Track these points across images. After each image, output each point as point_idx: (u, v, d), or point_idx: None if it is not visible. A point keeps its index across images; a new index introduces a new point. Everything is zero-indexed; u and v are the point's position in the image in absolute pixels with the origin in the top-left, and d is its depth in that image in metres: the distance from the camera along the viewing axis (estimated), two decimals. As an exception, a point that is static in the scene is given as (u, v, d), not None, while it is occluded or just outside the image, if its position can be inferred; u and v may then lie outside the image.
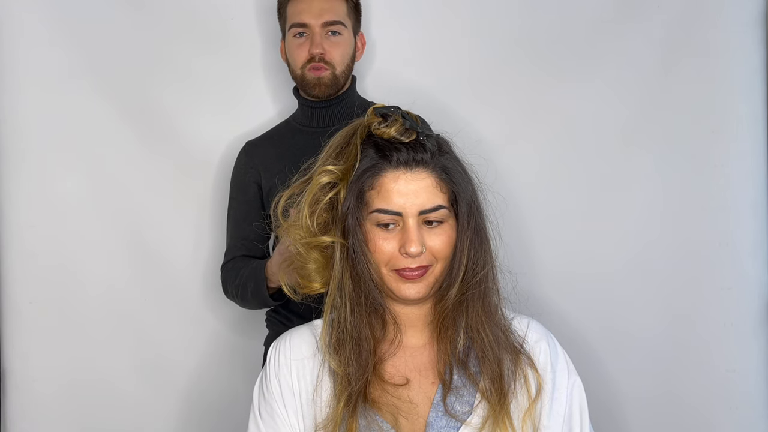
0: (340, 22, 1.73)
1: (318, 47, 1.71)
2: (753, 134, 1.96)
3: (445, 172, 1.10)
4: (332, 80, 1.73)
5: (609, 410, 1.95)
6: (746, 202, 1.96)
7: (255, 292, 1.66)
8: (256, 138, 1.84)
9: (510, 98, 1.99)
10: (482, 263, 1.13)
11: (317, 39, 1.71)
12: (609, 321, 1.98)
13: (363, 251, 1.10)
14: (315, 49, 1.71)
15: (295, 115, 1.84)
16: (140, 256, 1.97)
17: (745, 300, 1.96)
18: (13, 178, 1.93)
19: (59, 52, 1.93)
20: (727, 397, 1.95)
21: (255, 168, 1.77)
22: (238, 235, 1.77)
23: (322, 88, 1.73)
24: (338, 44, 1.73)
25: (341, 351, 1.11)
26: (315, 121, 1.78)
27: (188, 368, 1.98)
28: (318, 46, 1.71)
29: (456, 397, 1.12)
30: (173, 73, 1.96)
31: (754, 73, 1.95)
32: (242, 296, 1.71)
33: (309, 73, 1.73)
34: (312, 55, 1.71)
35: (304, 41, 1.73)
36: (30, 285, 1.94)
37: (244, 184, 1.78)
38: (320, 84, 1.72)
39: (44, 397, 1.94)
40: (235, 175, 1.82)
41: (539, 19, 1.98)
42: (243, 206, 1.78)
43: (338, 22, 1.73)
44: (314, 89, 1.73)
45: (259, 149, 1.80)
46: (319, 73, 1.72)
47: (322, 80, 1.72)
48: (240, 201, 1.79)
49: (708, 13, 1.95)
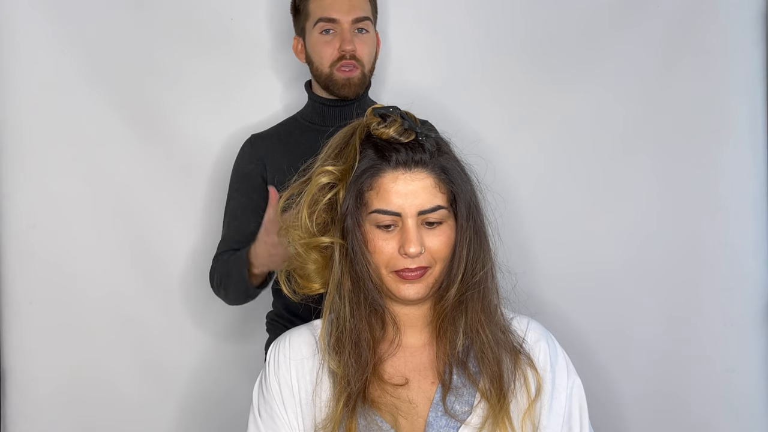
0: (368, 18, 1.69)
1: (349, 44, 1.65)
2: (753, 134, 1.96)
3: (444, 172, 1.10)
4: (362, 79, 1.69)
5: (609, 410, 1.95)
6: (746, 202, 1.96)
7: (237, 279, 1.59)
8: (262, 132, 1.80)
9: (509, 98, 1.99)
10: (481, 263, 1.13)
11: (347, 35, 1.66)
12: (609, 321, 1.98)
13: (362, 252, 1.10)
14: (347, 46, 1.65)
15: (304, 112, 1.80)
16: (141, 256, 1.97)
17: (745, 300, 1.96)
18: (13, 178, 1.93)
19: (60, 52, 1.93)
20: (727, 397, 1.95)
21: (260, 160, 1.73)
22: (236, 228, 1.71)
23: (352, 88, 1.68)
24: (366, 42, 1.69)
25: (340, 351, 1.11)
26: (326, 119, 1.73)
27: (188, 368, 1.98)
28: (350, 42, 1.65)
29: (455, 397, 1.12)
30: (173, 72, 1.96)
31: (754, 73, 1.95)
32: (225, 285, 1.65)
33: (338, 73, 1.67)
34: (344, 52, 1.65)
35: (332, 38, 1.67)
36: (30, 285, 1.94)
37: (248, 175, 1.73)
38: (350, 84, 1.68)
39: (44, 397, 1.94)
40: (237, 166, 1.77)
41: (539, 20, 1.98)
42: (244, 198, 1.72)
43: (366, 18, 1.69)
44: (343, 89, 1.68)
45: (265, 142, 1.76)
46: (349, 74, 1.67)
47: (352, 80, 1.67)
48: (241, 193, 1.73)
49: (708, 13, 1.95)
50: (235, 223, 1.72)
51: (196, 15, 1.96)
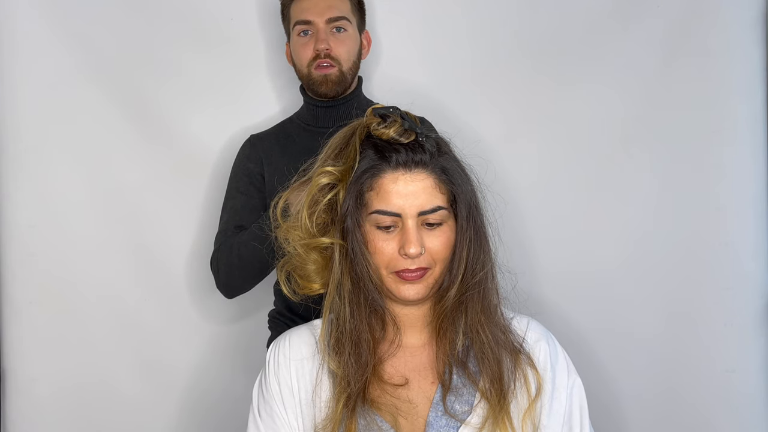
0: (344, 18, 1.72)
1: (323, 43, 1.69)
2: (753, 134, 1.96)
3: (444, 172, 1.10)
4: (339, 77, 1.71)
5: (609, 410, 1.95)
6: (746, 202, 1.96)
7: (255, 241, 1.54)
8: (261, 132, 1.83)
9: (509, 98, 1.99)
10: (481, 264, 1.13)
11: (322, 35, 1.70)
12: (609, 320, 1.98)
13: (362, 252, 1.10)
14: (320, 45, 1.69)
15: (300, 113, 1.82)
16: (141, 256, 1.97)
17: (745, 300, 1.96)
18: (13, 178, 1.93)
19: (60, 52, 1.93)
20: (727, 397, 1.95)
21: (260, 159, 1.75)
22: (234, 224, 1.71)
23: (330, 85, 1.71)
24: (343, 41, 1.72)
25: (340, 352, 1.11)
26: (320, 120, 1.76)
27: (188, 368, 1.98)
28: (323, 41, 1.69)
29: (455, 396, 1.12)
30: (173, 73, 1.96)
31: (754, 73, 1.95)
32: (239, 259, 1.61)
33: (315, 72, 1.71)
34: (317, 51, 1.69)
35: (308, 39, 1.71)
36: (30, 285, 1.94)
37: (247, 173, 1.75)
38: (327, 81, 1.71)
39: (44, 397, 1.94)
40: (237, 165, 1.79)
41: (538, 20, 1.98)
42: (243, 196, 1.74)
43: (342, 17, 1.72)
44: (321, 87, 1.71)
45: (264, 142, 1.78)
46: (326, 71, 1.70)
47: (329, 77, 1.70)
48: (241, 191, 1.75)
49: (708, 13, 1.95)
50: (233, 220, 1.73)
51: (196, 15, 1.96)
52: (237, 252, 1.64)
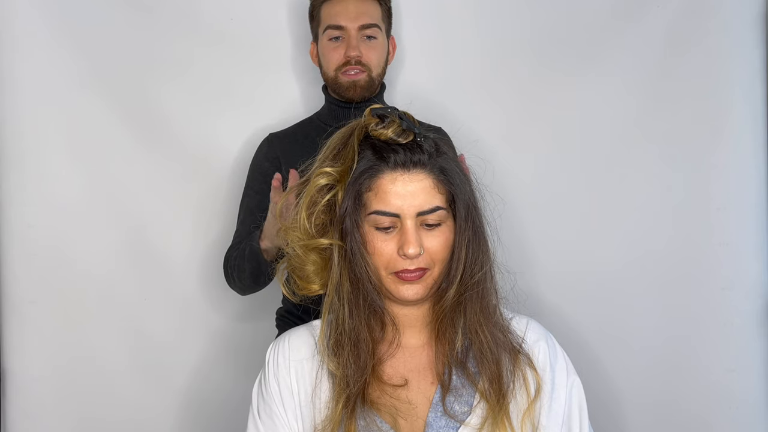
0: (375, 25, 1.74)
1: (355, 50, 1.70)
2: (753, 134, 1.96)
3: (443, 173, 1.10)
4: (368, 83, 1.73)
5: (608, 410, 1.95)
6: (746, 202, 1.97)
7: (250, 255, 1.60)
8: (280, 131, 1.83)
9: (508, 98, 1.99)
10: (480, 264, 1.13)
11: (353, 42, 1.71)
12: (608, 320, 1.98)
13: (361, 253, 1.10)
14: (352, 52, 1.70)
15: (321, 113, 1.83)
16: (140, 255, 1.97)
17: (745, 300, 1.96)
18: (13, 178, 1.94)
19: (60, 52, 1.93)
20: (726, 397, 1.96)
21: (276, 158, 1.76)
22: (249, 223, 1.72)
23: (358, 91, 1.73)
24: (374, 47, 1.74)
25: (339, 353, 1.11)
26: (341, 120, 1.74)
27: (188, 368, 1.98)
28: (355, 48, 1.71)
29: (455, 397, 1.12)
30: (174, 73, 1.96)
31: (754, 73, 1.95)
32: (240, 267, 1.65)
33: (343, 77, 1.72)
34: (348, 58, 1.71)
35: (339, 44, 1.72)
36: (30, 285, 1.94)
37: (263, 172, 1.75)
38: (355, 87, 1.72)
39: (44, 396, 1.95)
40: (254, 164, 1.80)
41: (538, 20, 1.98)
42: (258, 195, 1.75)
43: (374, 25, 1.73)
44: (348, 92, 1.73)
45: (282, 141, 1.79)
46: (354, 77, 1.71)
47: (358, 83, 1.72)
48: (256, 190, 1.76)
49: (708, 13, 1.95)
50: (249, 219, 1.74)
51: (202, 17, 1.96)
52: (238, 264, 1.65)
